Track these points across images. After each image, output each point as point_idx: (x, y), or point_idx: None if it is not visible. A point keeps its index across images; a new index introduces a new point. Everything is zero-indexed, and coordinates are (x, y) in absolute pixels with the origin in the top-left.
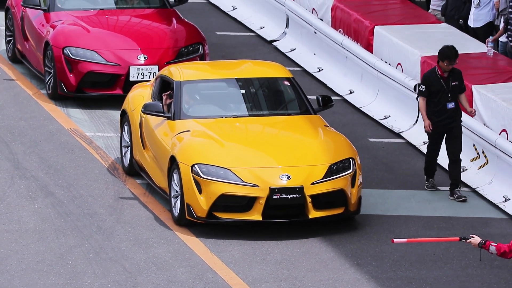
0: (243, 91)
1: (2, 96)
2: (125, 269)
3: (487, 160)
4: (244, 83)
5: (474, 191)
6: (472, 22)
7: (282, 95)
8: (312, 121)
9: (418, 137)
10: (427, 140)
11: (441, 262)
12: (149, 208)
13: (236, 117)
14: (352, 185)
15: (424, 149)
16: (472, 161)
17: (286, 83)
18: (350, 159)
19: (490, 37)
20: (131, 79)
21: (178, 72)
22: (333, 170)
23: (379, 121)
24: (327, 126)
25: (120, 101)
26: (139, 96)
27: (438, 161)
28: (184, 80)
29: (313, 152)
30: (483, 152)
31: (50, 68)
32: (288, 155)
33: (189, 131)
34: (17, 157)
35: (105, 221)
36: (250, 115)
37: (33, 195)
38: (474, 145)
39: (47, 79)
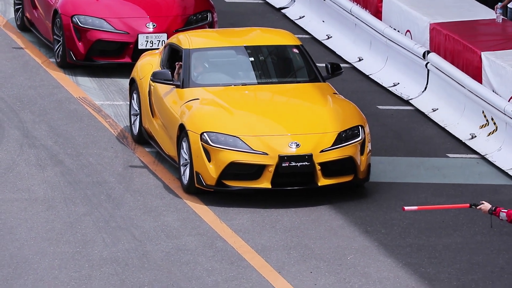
0: (252, 59)
1: (11, 64)
2: (134, 237)
3: (496, 127)
4: (253, 50)
5: (483, 158)
6: None
7: (291, 63)
8: (321, 89)
9: (427, 104)
10: (436, 107)
11: (450, 229)
12: (158, 177)
13: (245, 85)
14: (361, 153)
15: (433, 116)
16: (481, 128)
17: (295, 50)
18: (359, 127)
19: (499, 3)
20: (139, 47)
21: (187, 40)
22: (342, 138)
23: (388, 88)
24: (336, 93)
25: (129, 69)
26: (148, 64)
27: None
28: (193, 48)
29: (322, 119)
30: (492, 119)
31: (59, 37)
32: (297, 123)
33: (198, 99)
34: (26, 125)
35: (115, 189)
36: (259, 83)
37: (42, 163)
38: (483, 111)
39: (56, 48)
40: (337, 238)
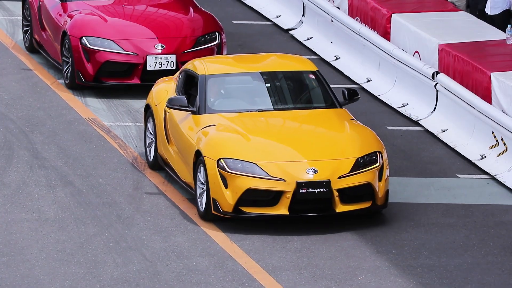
0: (268, 84)
1: (20, 86)
2: (145, 257)
3: (506, 147)
4: (269, 76)
5: (493, 178)
6: (489, 10)
7: (307, 89)
8: (338, 115)
9: (436, 125)
10: (445, 128)
11: (461, 250)
12: (168, 197)
13: (262, 111)
14: (379, 179)
15: (442, 136)
16: (491, 148)
17: (312, 76)
18: (377, 153)
19: (509, 25)
20: (148, 68)
21: (203, 66)
22: (360, 164)
23: (397, 109)
24: (353, 119)
25: (138, 90)
26: (163, 91)
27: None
28: (209, 74)
29: (340, 145)
30: (502, 140)
31: (68, 58)
32: (315, 149)
33: (214, 125)
34: (35, 146)
35: (125, 210)
36: (275, 109)
37: (52, 184)
38: (493, 132)
39: (65, 69)
40: (348, 258)
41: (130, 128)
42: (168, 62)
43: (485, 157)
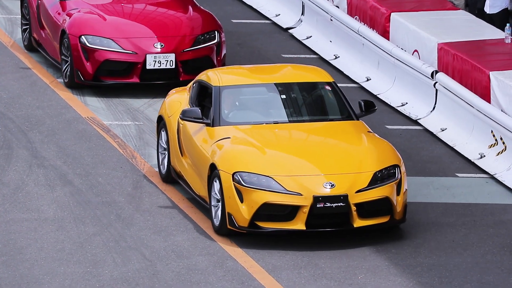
0: (283, 96)
1: (19, 85)
2: (145, 257)
3: (505, 147)
4: (284, 88)
5: (492, 177)
6: (488, 8)
7: (323, 100)
8: (355, 127)
9: (436, 124)
10: (444, 127)
11: (461, 249)
12: (168, 196)
13: (277, 123)
14: (398, 193)
15: (442, 135)
16: (490, 147)
17: (327, 87)
18: (395, 166)
19: (508, 24)
20: (147, 67)
21: (217, 77)
22: (378, 178)
23: (396, 108)
24: (371, 132)
25: (137, 89)
26: (176, 102)
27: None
28: (223, 85)
29: (357, 159)
30: (501, 139)
31: (67, 57)
32: (332, 163)
33: (229, 138)
34: (35, 146)
35: (124, 209)
36: (290, 121)
37: (52, 183)
38: (492, 131)
39: (64, 68)
40: (348, 257)
41: (129, 127)
42: (168, 61)
43: (484, 156)
